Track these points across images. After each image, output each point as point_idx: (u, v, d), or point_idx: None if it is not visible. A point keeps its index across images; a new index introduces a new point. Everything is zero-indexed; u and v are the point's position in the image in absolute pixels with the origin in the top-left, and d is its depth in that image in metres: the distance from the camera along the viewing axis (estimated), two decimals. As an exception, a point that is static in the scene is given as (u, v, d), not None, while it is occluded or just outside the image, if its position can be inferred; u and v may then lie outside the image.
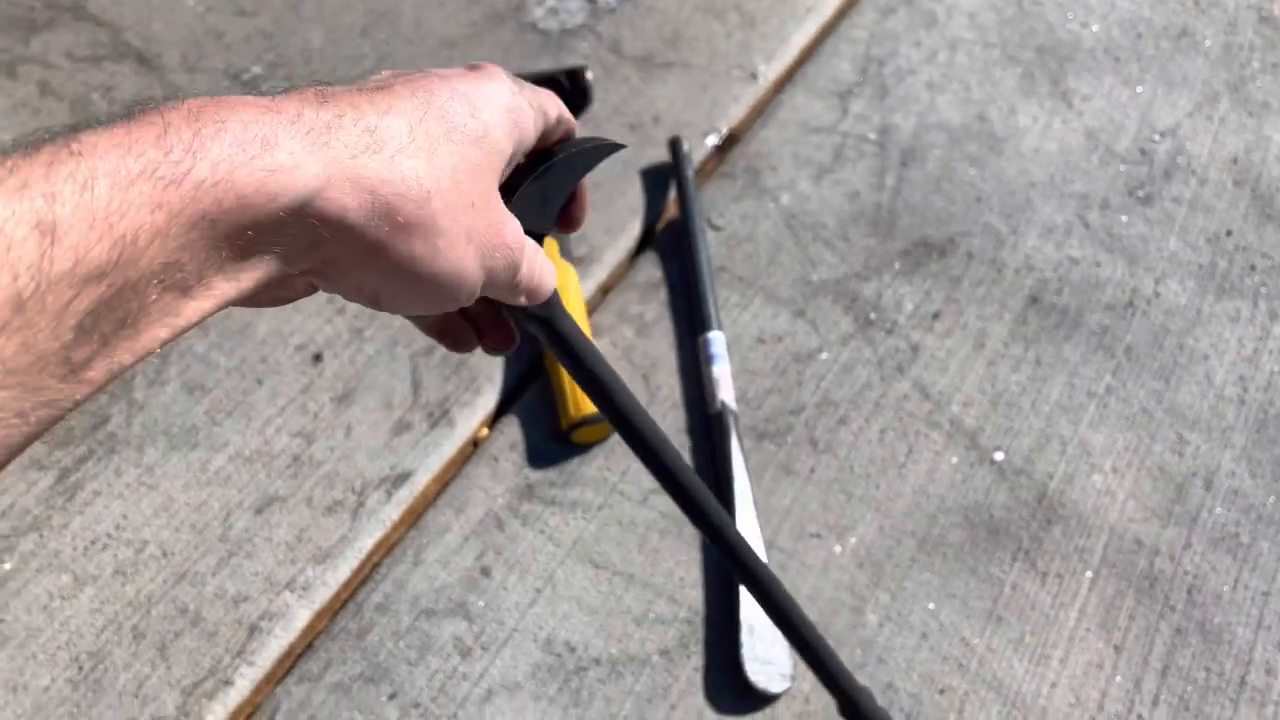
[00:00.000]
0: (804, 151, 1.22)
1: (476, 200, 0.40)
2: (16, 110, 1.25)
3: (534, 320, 0.49)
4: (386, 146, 0.37)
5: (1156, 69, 1.31)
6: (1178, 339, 1.06)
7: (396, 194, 0.36)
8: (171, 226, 0.31)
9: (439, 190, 0.38)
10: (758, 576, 0.64)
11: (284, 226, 0.34)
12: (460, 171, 0.39)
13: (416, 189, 0.37)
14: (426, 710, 0.85)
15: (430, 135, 0.39)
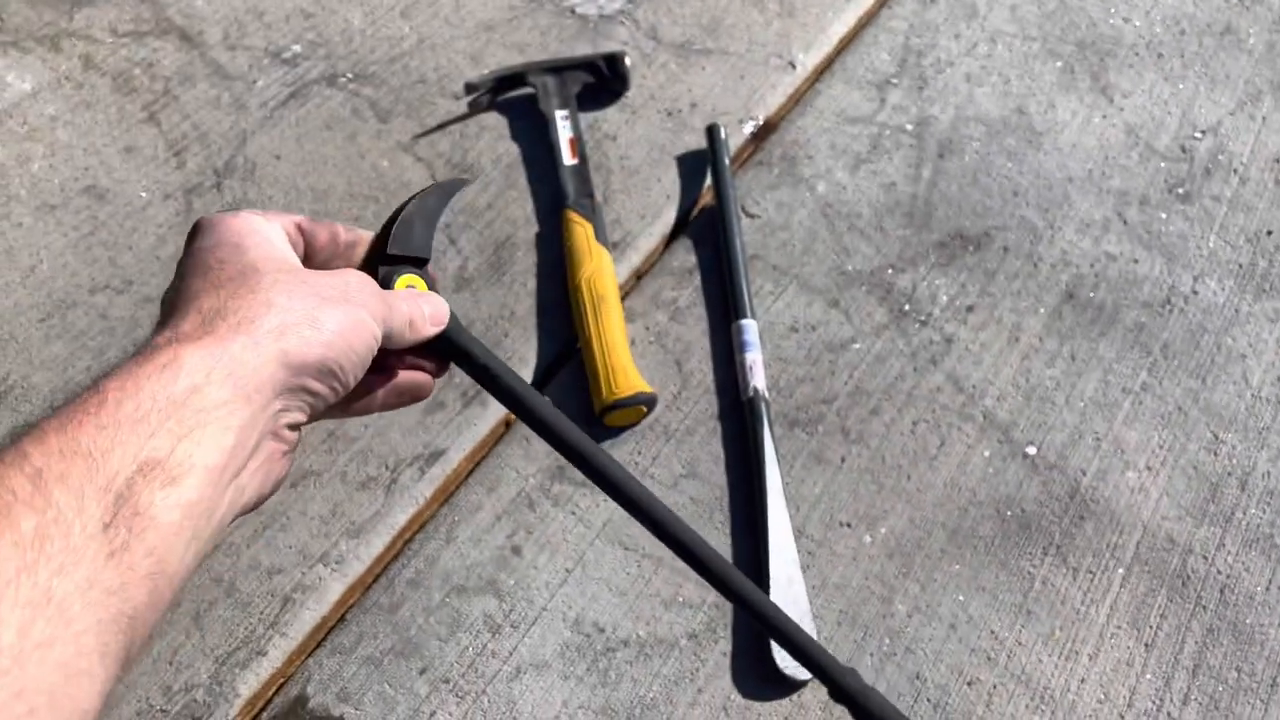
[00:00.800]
0: (841, 141, 1.22)
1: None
2: (60, 84, 1.26)
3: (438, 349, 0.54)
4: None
5: (1199, 66, 1.30)
6: (1215, 338, 1.05)
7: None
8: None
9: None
10: (695, 552, 0.63)
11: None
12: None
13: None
14: (456, 686, 0.85)
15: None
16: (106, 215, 1.14)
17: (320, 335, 0.43)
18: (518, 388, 0.56)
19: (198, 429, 0.38)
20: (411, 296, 0.52)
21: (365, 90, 1.26)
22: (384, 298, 0.49)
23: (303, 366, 0.43)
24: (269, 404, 0.42)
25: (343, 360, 0.45)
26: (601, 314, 1.01)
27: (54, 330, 1.06)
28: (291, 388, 0.43)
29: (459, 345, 0.54)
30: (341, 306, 0.45)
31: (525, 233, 1.13)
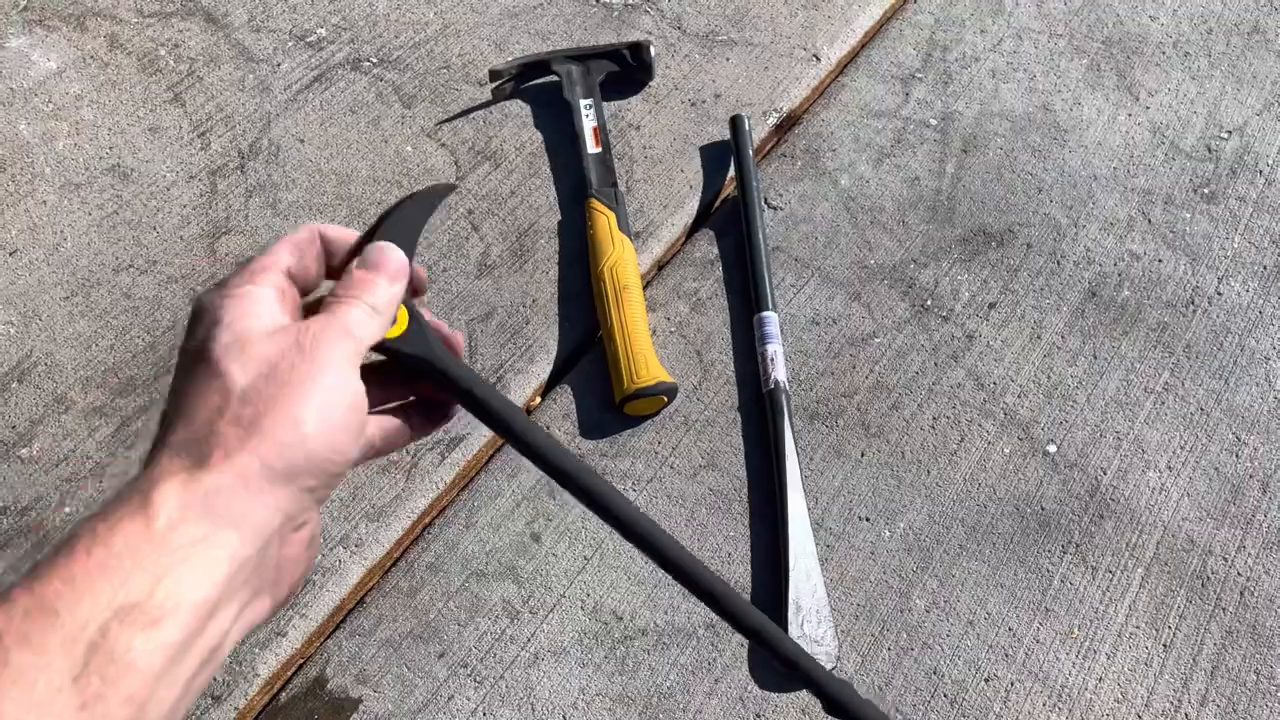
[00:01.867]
0: (864, 135, 1.22)
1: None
2: (86, 63, 1.26)
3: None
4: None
5: (1226, 65, 1.29)
6: (1238, 339, 1.05)
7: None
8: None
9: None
10: (679, 564, 0.59)
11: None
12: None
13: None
14: (474, 670, 0.86)
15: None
16: (131, 195, 1.15)
17: (301, 435, 0.42)
18: (494, 402, 0.53)
19: (177, 567, 0.37)
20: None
21: (389, 75, 1.26)
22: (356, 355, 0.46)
23: (290, 473, 0.41)
24: (263, 523, 0.41)
25: (331, 447, 0.43)
26: (624, 303, 1.01)
27: (78, 308, 1.06)
28: (285, 498, 0.41)
29: (439, 369, 0.51)
30: (319, 387, 0.43)
31: (548, 220, 1.13)
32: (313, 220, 1.12)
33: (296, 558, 0.44)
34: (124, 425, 0.98)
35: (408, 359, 0.49)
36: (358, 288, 0.47)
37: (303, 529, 0.44)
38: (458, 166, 1.18)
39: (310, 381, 0.42)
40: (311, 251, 0.49)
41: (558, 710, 0.84)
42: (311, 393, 0.42)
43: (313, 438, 0.42)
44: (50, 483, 0.95)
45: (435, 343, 0.50)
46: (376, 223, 0.52)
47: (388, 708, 0.84)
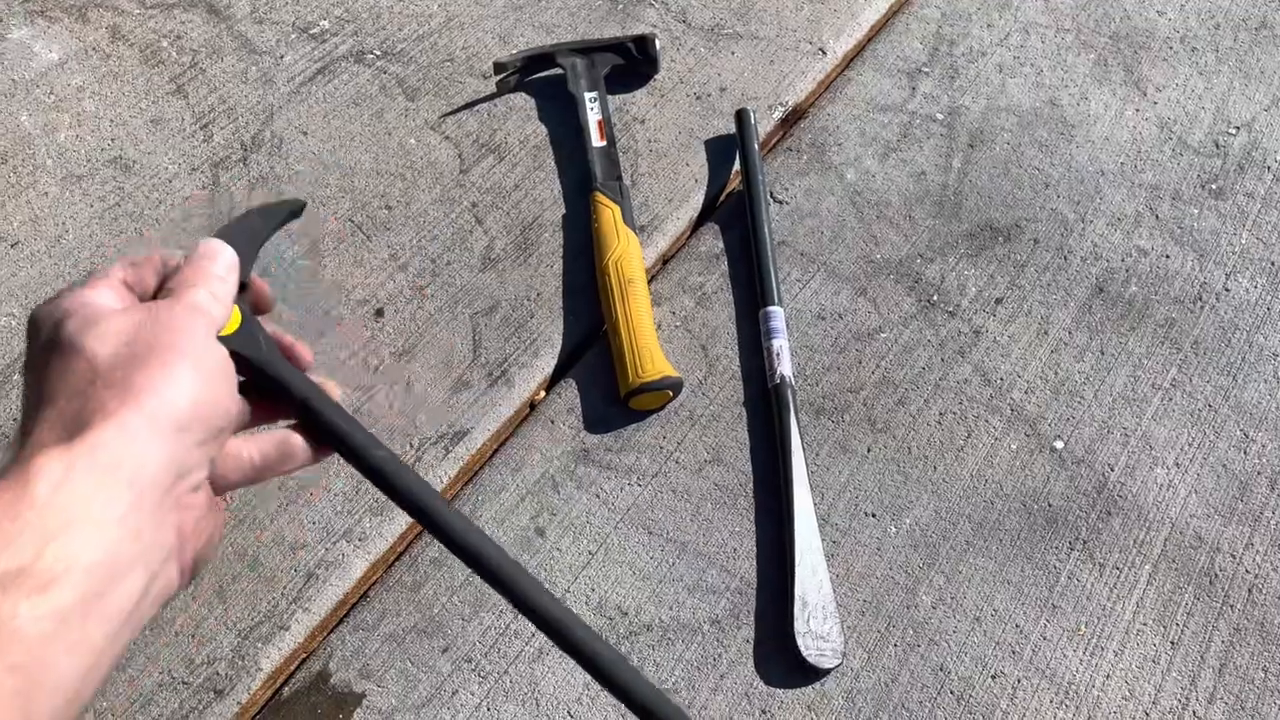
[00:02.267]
0: (870, 129, 1.21)
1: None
2: (88, 54, 1.26)
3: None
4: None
5: (1234, 61, 1.28)
6: (1246, 336, 1.04)
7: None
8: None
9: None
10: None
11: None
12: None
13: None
14: (479, 665, 0.85)
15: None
16: (133, 187, 1.14)
17: (176, 387, 0.41)
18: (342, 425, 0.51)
19: (67, 528, 0.36)
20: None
21: (393, 68, 1.26)
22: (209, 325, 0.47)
23: (175, 425, 0.41)
24: (156, 479, 0.40)
25: (210, 399, 0.43)
26: (629, 297, 1.00)
27: (79, 301, 1.05)
28: (174, 452, 0.41)
29: (270, 374, 0.49)
30: (183, 350, 0.43)
31: (552, 214, 1.12)
32: (315, 212, 1.12)
33: (199, 523, 0.43)
34: (126, 418, 0.98)
35: (235, 356, 0.48)
36: (193, 275, 0.47)
37: (199, 491, 0.43)
38: (461, 159, 1.17)
39: (174, 345, 0.42)
40: (148, 266, 0.49)
41: (562, 706, 0.84)
42: (178, 353, 0.42)
43: (190, 388, 0.41)
44: (52, 475, 0.95)
45: (266, 344, 0.49)
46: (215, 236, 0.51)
47: (391, 703, 0.84)
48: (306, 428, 0.51)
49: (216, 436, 0.44)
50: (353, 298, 1.05)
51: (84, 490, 0.37)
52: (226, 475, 0.48)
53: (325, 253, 1.09)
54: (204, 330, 0.45)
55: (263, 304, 0.54)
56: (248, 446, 0.49)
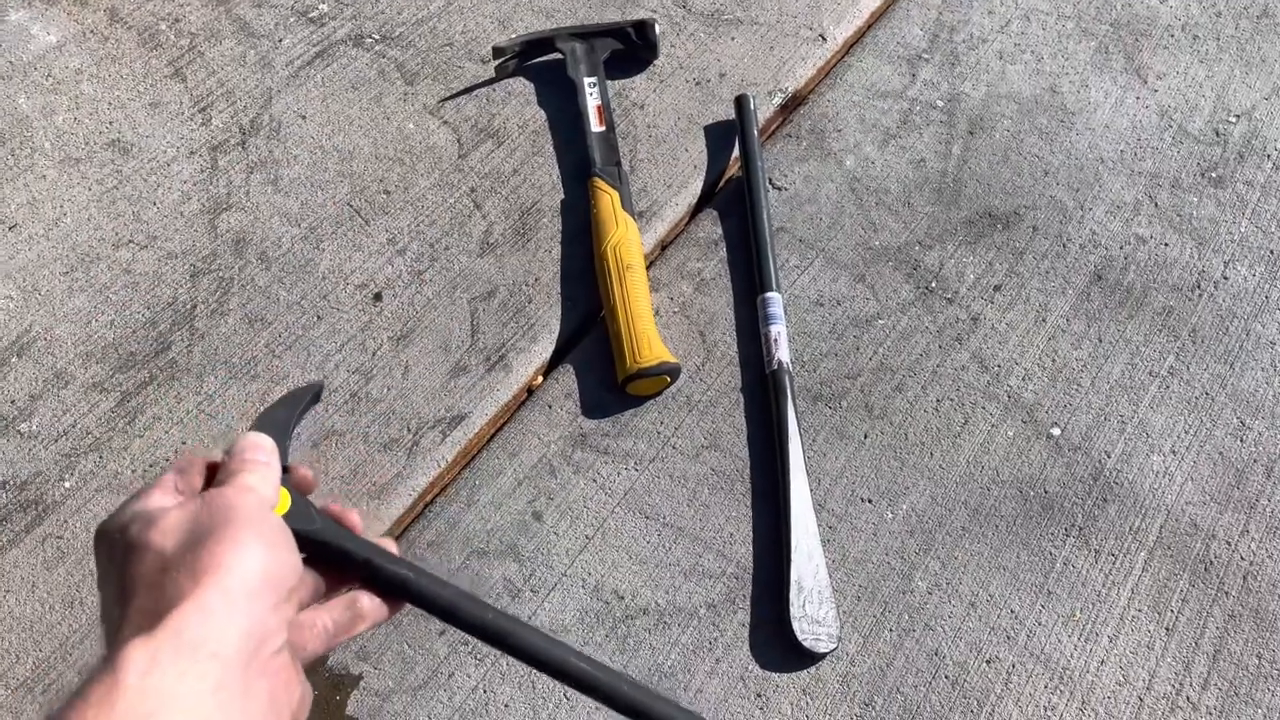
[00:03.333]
0: (870, 116, 1.21)
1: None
2: (85, 37, 1.25)
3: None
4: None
5: (1234, 49, 1.28)
6: (1244, 324, 1.04)
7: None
8: None
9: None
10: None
11: None
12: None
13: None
14: (475, 648, 0.86)
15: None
16: (131, 170, 1.14)
17: (244, 559, 0.44)
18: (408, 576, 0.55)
19: (159, 710, 0.39)
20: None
21: (392, 52, 1.25)
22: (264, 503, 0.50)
23: (248, 592, 0.44)
24: (239, 647, 0.42)
25: (277, 564, 0.46)
26: (627, 283, 1.00)
27: (77, 283, 1.05)
28: (252, 619, 0.44)
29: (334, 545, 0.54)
30: (243, 525, 0.46)
31: (551, 199, 1.12)
32: (314, 196, 1.12)
33: (288, 685, 0.46)
34: (124, 400, 0.98)
35: (298, 537, 0.51)
36: (237, 465, 0.51)
37: (281, 653, 0.45)
38: (460, 144, 1.17)
39: (231, 522, 0.46)
40: (194, 469, 0.52)
41: (558, 688, 0.84)
42: (237, 527, 0.45)
43: (254, 557, 0.45)
44: (50, 458, 0.95)
45: (320, 518, 0.53)
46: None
47: (388, 685, 0.84)
48: (373, 585, 0.55)
49: (288, 598, 0.47)
50: (351, 282, 1.05)
51: (172, 672, 0.40)
52: (306, 645, 0.51)
53: (324, 237, 1.09)
54: (256, 504, 0.48)
55: (305, 486, 0.58)
56: (321, 616, 0.52)
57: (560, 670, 0.58)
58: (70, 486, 0.93)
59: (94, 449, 0.95)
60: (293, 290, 1.05)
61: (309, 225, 1.10)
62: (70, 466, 0.94)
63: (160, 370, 1.00)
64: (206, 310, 1.04)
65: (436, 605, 0.55)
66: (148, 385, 0.99)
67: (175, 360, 1.00)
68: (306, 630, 0.51)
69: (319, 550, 0.53)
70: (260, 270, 1.06)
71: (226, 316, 1.03)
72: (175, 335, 1.02)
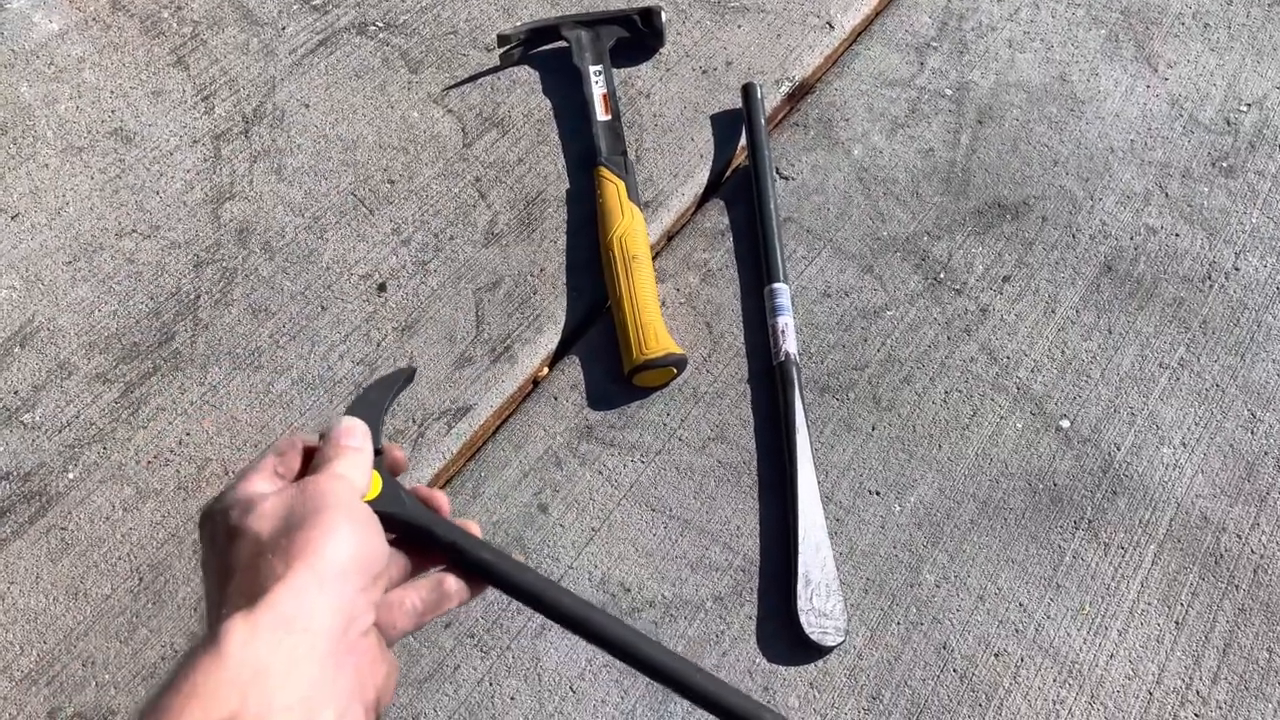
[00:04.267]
0: (878, 105, 1.20)
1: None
2: (88, 25, 1.25)
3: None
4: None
5: (1246, 37, 1.27)
6: (1255, 315, 1.03)
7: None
8: None
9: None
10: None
11: None
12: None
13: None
14: (481, 641, 0.85)
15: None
16: (134, 159, 1.13)
17: (334, 544, 0.48)
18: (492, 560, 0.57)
19: (261, 676, 0.42)
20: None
21: (396, 39, 1.24)
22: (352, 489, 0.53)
23: (338, 574, 0.47)
24: (329, 624, 0.46)
25: (365, 549, 0.49)
26: (633, 273, 1.00)
27: (80, 273, 1.05)
28: (342, 599, 0.47)
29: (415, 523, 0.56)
30: (334, 512, 0.49)
31: (556, 189, 1.11)
32: (318, 186, 1.11)
33: (374, 665, 0.49)
34: (128, 391, 0.97)
35: (383, 517, 0.54)
36: (331, 452, 0.54)
37: (368, 635, 0.49)
38: (464, 133, 1.16)
39: (323, 509, 0.49)
40: (293, 453, 0.55)
41: (565, 681, 0.84)
42: (328, 513, 0.49)
43: (344, 542, 0.48)
44: (54, 449, 0.94)
45: (409, 501, 0.56)
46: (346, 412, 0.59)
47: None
48: (458, 567, 0.57)
49: (375, 582, 0.50)
50: (355, 272, 1.05)
51: (269, 643, 0.43)
52: (395, 623, 0.54)
53: (328, 227, 1.08)
54: (347, 492, 0.51)
55: (396, 467, 0.60)
56: (409, 595, 0.55)
57: (630, 654, 0.59)
58: (74, 478, 0.93)
59: (98, 440, 0.95)
60: (296, 280, 1.04)
61: (313, 215, 1.09)
62: (74, 458, 0.94)
63: (164, 361, 0.99)
64: (210, 300, 1.03)
65: (519, 589, 0.57)
66: (151, 376, 0.98)
67: (179, 351, 1.00)
68: (396, 609, 0.54)
69: (408, 532, 0.56)
70: (264, 260, 1.06)
71: (230, 307, 1.02)
72: (179, 326, 1.01)
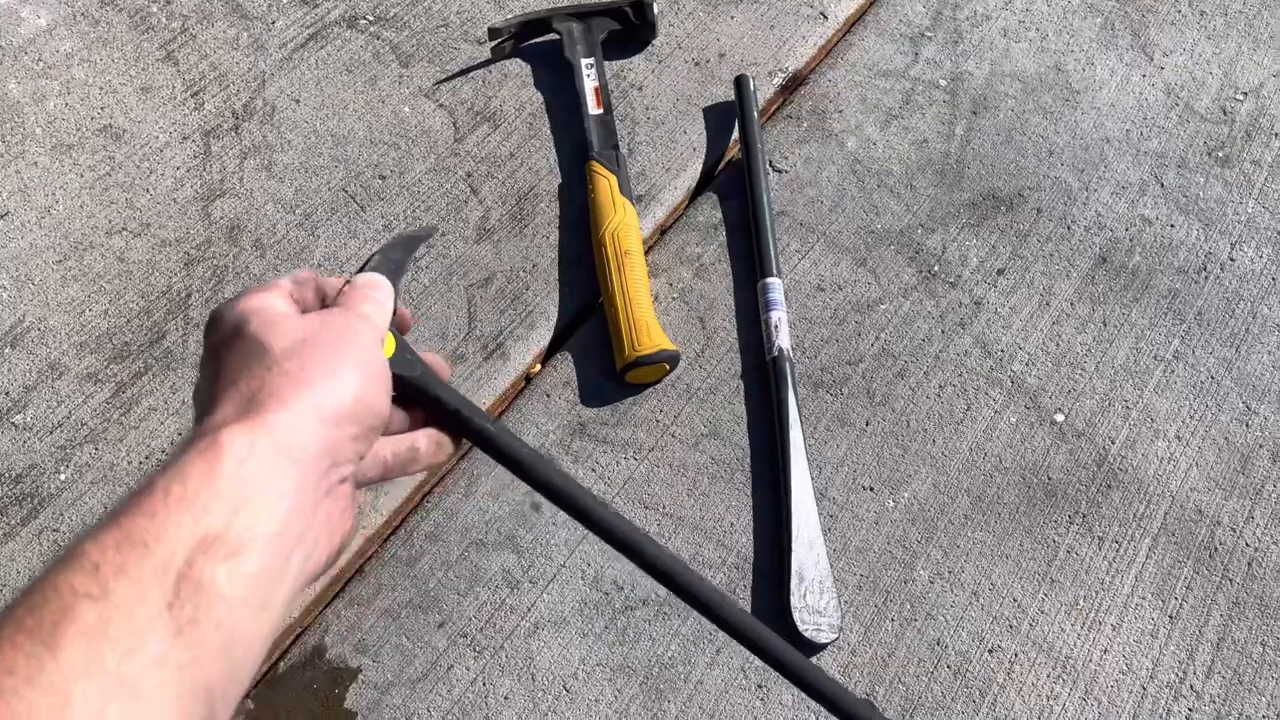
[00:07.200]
0: (872, 96, 1.19)
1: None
2: (76, 20, 1.24)
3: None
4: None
5: (1242, 24, 1.26)
6: (1251, 306, 1.03)
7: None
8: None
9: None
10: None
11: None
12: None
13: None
14: (474, 640, 0.85)
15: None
16: (123, 156, 1.13)
17: (342, 384, 0.46)
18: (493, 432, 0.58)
19: (252, 500, 0.40)
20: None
21: (386, 33, 1.23)
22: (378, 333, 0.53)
23: (338, 417, 0.46)
24: (316, 462, 0.44)
25: (369, 399, 0.48)
26: (625, 268, 0.99)
27: (71, 272, 1.04)
28: (333, 440, 0.46)
29: (429, 392, 0.56)
30: (351, 352, 0.49)
31: (548, 184, 1.11)
32: (309, 182, 1.10)
33: (342, 512, 0.48)
34: (119, 391, 0.97)
35: (398, 379, 0.53)
36: (359, 297, 0.53)
37: (345, 483, 0.48)
38: (456, 128, 1.15)
39: (343, 345, 0.48)
40: (309, 285, 0.54)
41: (558, 680, 0.84)
42: (346, 352, 0.48)
43: (353, 385, 0.47)
44: (45, 450, 0.94)
45: (420, 365, 0.56)
46: (364, 263, 0.58)
47: (387, 677, 0.84)
48: (455, 431, 0.57)
49: (368, 434, 0.49)
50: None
51: (264, 466, 0.41)
52: (365, 471, 0.53)
53: (319, 223, 1.08)
54: (369, 336, 0.50)
55: (404, 325, 0.60)
56: (382, 447, 0.54)
57: (619, 541, 0.60)
58: (66, 479, 0.93)
59: (90, 440, 0.95)
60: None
61: (303, 211, 1.08)
62: (66, 458, 0.94)
63: (155, 360, 0.99)
64: (201, 298, 1.03)
65: (508, 456, 0.58)
66: (143, 375, 0.98)
67: (170, 350, 0.99)
68: (369, 458, 0.53)
69: (412, 393, 0.56)
70: (255, 257, 1.05)
71: (221, 305, 1.02)
72: (170, 324, 1.01)
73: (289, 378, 0.45)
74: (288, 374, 0.45)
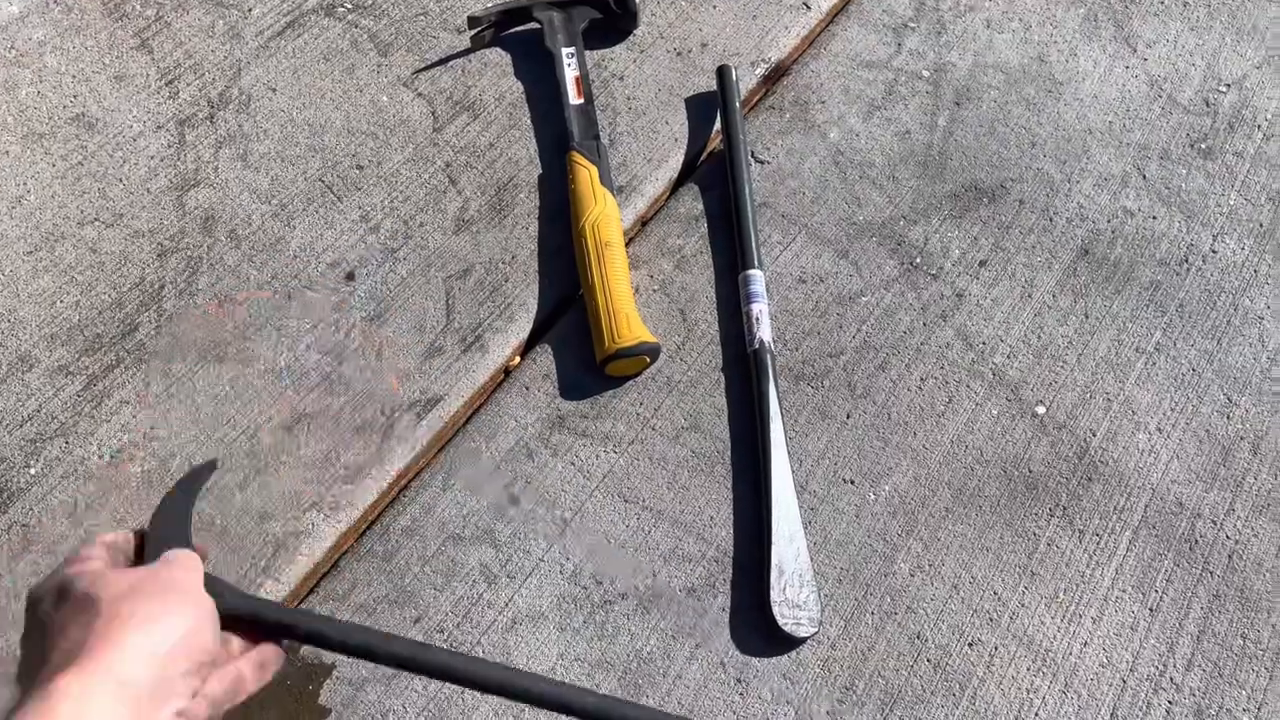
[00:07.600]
0: (855, 87, 1.18)
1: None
2: (49, 7, 1.22)
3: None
4: None
5: (1225, 16, 1.26)
6: (1232, 298, 1.03)
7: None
8: None
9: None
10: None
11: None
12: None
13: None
14: (451, 636, 0.84)
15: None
16: (96, 145, 1.11)
17: (172, 624, 0.51)
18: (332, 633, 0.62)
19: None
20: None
21: (365, 21, 1.22)
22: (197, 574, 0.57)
23: (168, 654, 0.49)
24: (149, 699, 0.48)
25: (197, 636, 0.52)
26: (605, 260, 0.98)
27: (42, 263, 1.03)
28: (165, 677, 0.49)
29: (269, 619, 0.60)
30: (177, 595, 0.53)
31: (528, 174, 1.10)
32: (285, 172, 1.09)
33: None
34: (90, 384, 0.96)
35: (224, 615, 0.57)
36: (172, 556, 0.58)
37: (179, 717, 0.51)
38: (435, 117, 1.14)
39: (170, 591, 0.53)
40: (125, 542, 0.59)
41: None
42: (177, 596, 0.53)
43: (183, 624, 0.51)
44: (14, 444, 0.93)
45: (240, 595, 0.60)
46: (152, 518, 0.63)
47: (362, 674, 0.83)
48: (292, 638, 0.61)
49: (199, 669, 0.52)
50: (323, 260, 1.03)
51: (101, 703, 0.45)
52: (194, 711, 0.55)
53: (295, 214, 1.06)
54: (193, 580, 0.55)
55: (202, 556, 0.63)
56: (210, 683, 0.56)
57: (494, 686, 0.63)
58: (36, 473, 0.91)
59: (60, 434, 0.93)
60: (263, 269, 1.02)
61: (279, 202, 1.07)
62: (35, 452, 0.92)
63: (128, 353, 0.97)
64: (175, 290, 1.01)
65: (359, 648, 0.61)
66: (115, 368, 0.96)
67: (143, 342, 0.98)
68: (199, 698, 0.56)
69: (240, 623, 0.59)
70: (230, 249, 1.04)
71: (195, 297, 1.01)
72: (143, 316, 0.99)
73: (120, 620, 0.49)
74: (119, 616, 0.49)
